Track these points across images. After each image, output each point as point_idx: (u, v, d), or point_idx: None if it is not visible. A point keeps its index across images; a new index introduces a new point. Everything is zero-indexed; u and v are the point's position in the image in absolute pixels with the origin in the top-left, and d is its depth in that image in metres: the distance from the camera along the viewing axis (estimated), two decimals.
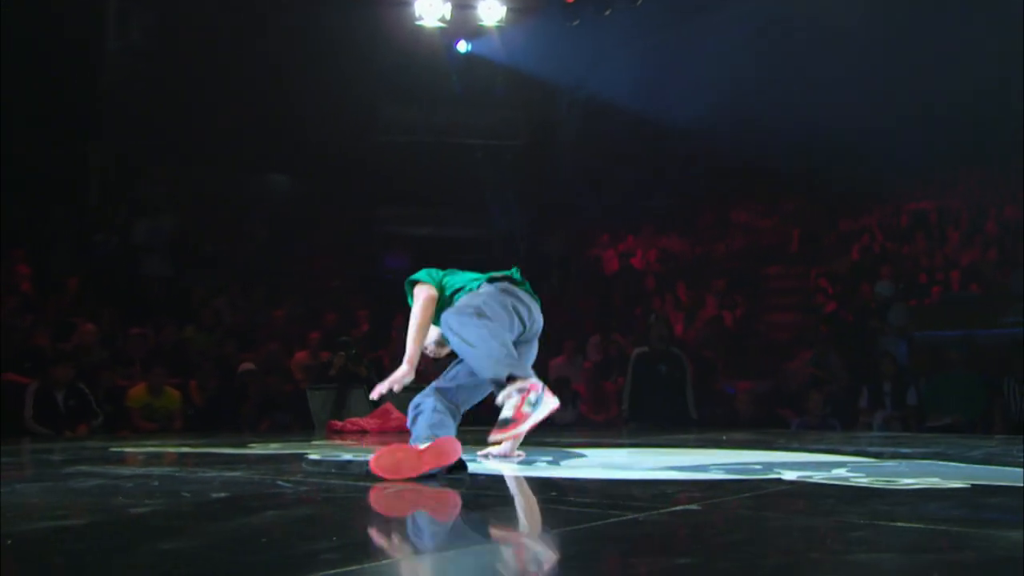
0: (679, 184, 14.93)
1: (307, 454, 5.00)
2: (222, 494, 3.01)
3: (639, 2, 12.57)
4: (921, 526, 2.29)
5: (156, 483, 3.42)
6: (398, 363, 3.75)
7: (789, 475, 3.46)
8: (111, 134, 12.48)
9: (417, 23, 12.69)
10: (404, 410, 7.83)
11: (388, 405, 7.90)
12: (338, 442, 6.73)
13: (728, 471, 3.81)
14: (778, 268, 13.05)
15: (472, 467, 3.68)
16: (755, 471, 3.74)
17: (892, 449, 5.31)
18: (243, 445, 5.80)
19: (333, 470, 3.98)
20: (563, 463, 4.27)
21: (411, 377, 3.75)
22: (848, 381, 9.68)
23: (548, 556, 2.05)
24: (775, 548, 2.09)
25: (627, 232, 14.83)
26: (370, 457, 3.37)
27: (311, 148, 13.56)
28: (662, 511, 2.56)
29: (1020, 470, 3.86)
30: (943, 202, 13.16)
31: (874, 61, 13.86)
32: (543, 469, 3.94)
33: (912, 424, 8.70)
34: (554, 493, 3.21)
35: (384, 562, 1.97)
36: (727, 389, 10.53)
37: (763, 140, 14.26)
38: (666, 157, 14.78)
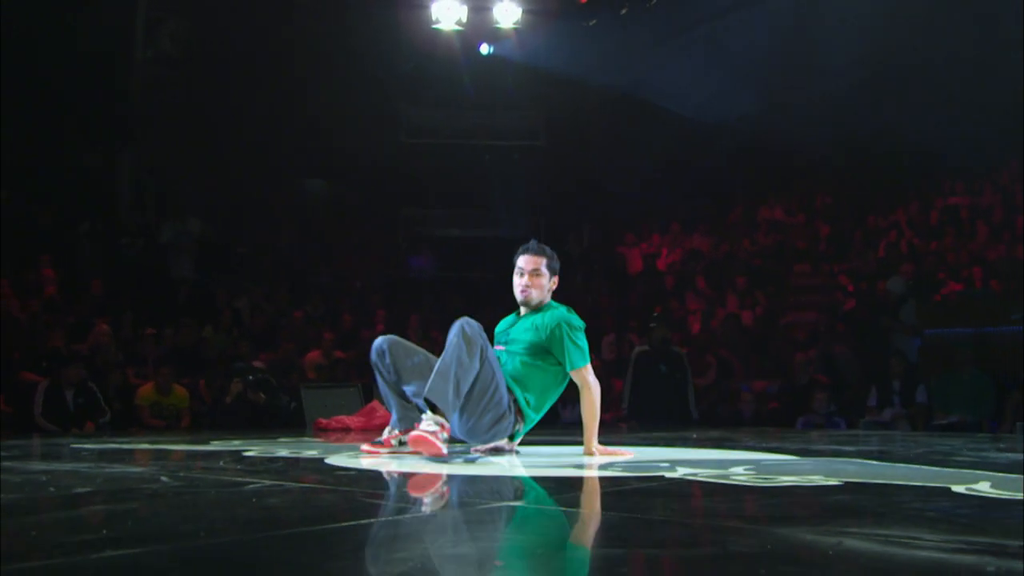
0: (708, 182, 14.77)
1: (245, 451, 5.04)
2: (87, 488, 3.05)
3: (653, 1, 12.46)
4: (700, 522, 2.35)
5: (44, 478, 3.42)
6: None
7: (679, 472, 3.48)
8: (142, 141, 12.87)
9: (434, 27, 12.77)
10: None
11: (374, 403, 8.00)
12: (320, 440, 6.77)
13: (627, 468, 3.82)
14: (804, 266, 12.80)
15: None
16: (654, 468, 3.74)
17: (837, 447, 5.22)
18: (205, 442, 5.84)
19: (238, 467, 3.99)
20: (496, 460, 4.16)
21: None
22: (858, 379, 9.51)
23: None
24: (508, 540, 2.15)
25: (652, 231, 14.71)
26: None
27: (338, 152, 13.78)
28: (477, 507, 2.64)
29: (937, 469, 3.79)
30: (977, 198, 12.76)
31: (908, 53, 13.51)
32: (453, 467, 3.82)
33: (919, 423, 8.50)
34: (399, 490, 3.25)
35: (124, 552, 1.90)
36: (743, 388, 10.41)
37: (796, 137, 14.05)
38: (695, 155, 14.62)
